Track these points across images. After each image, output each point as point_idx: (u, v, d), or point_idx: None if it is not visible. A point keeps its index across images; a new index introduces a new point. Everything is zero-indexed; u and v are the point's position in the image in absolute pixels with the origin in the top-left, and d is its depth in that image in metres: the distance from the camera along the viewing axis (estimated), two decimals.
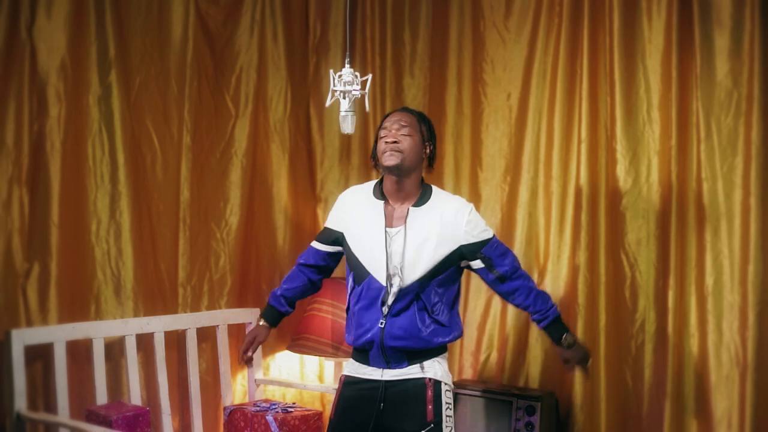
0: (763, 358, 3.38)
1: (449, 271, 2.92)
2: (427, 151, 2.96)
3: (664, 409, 3.56)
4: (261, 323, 3.14)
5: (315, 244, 3.14)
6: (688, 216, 3.55)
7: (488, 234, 2.95)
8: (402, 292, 2.87)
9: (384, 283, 2.88)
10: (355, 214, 3.00)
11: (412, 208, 2.91)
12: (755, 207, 3.40)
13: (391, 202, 2.96)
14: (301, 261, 3.16)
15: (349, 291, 2.99)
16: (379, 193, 2.98)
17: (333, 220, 3.09)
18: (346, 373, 3.00)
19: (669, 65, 3.58)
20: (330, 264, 3.15)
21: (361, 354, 2.95)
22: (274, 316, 3.14)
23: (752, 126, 3.41)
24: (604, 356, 3.66)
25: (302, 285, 3.15)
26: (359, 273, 2.94)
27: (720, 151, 3.48)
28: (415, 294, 2.87)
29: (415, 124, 2.93)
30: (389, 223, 2.93)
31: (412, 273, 2.86)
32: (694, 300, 3.54)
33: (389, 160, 2.87)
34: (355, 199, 3.04)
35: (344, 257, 3.06)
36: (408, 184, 2.93)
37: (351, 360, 3.01)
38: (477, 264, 2.94)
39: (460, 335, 2.99)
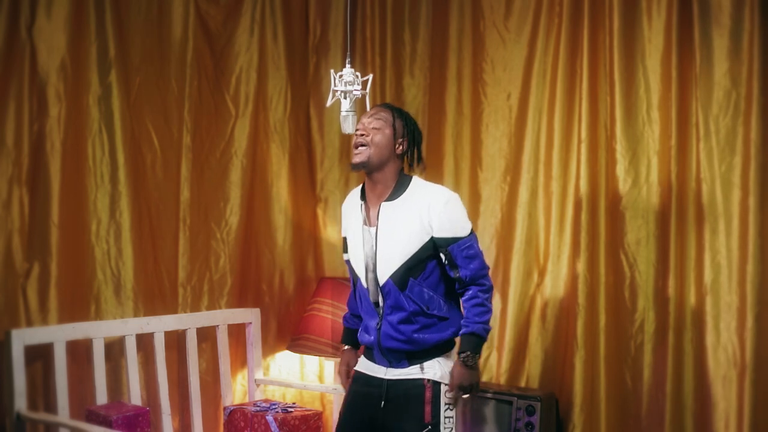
0: (761, 358, 3.38)
1: (431, 264, 2.86)
2: (401, 147, 2.91)
3: (663, 409, 3.57)
4: (346, 348, 3.14)
5: (344, 256, 3.10)
6: (688, 216, 3.55)
7: (462, 231, 2.85)
8: (385, 292, 2.86)
9: (366, 285, 2.91)
10: (348, 217, 3.03)
11: (383, 204, 2.88)
12: (754, 207, 3.40)
13: (368, 199, 2.94)
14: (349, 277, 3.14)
15: (351, 285, 3.04)
16: (362, 192, 2.98)
17: (342, 228, 3.10)
18: (356, 368, 3.04)
19: (669, 65, 3.58)
20: None
21: (368, 351, 2.99)
22: (352, 337, 3.12)
23: (751, 126, 3.41)
24: (603, 356, 3.66)
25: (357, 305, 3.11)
26: (353, 275, 3.00)
27: (719, 151, 3.48)
28: (400, 293, 2.84)
29: (389, 119, 2.91)
30: (369, 221, 2.92)
31: (385, 270, 2.85)
32: (693, 300, 3.54)
33: (355, 158, 2.88)
34: (349, 202, 3.06)
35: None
36: (381, 179, 2.90)
37: (362, 356, 3.04)
38: (442, 257, 2.87)
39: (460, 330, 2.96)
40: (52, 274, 3.42)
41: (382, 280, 2.86)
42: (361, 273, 2.93)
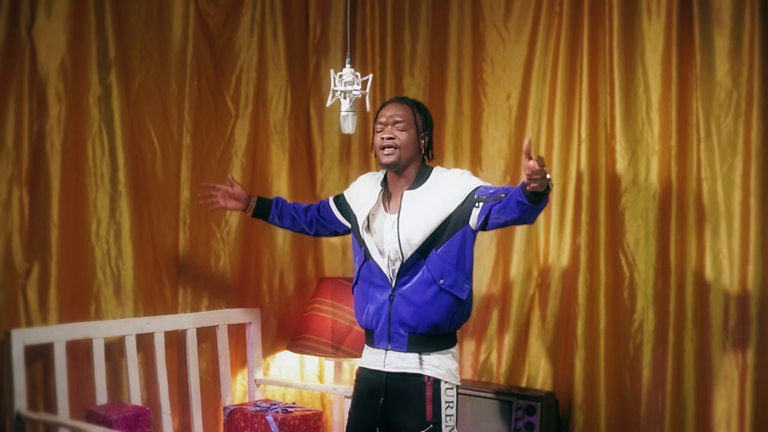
0: (763, 358, 3.37)
1: (454, 238, 2.90)
2: (424, 141, 3.02)
3: (663, 409, 3.56)
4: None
5: (330, 202, 3.29)
6: (688, 216, 3.55)
7: (479, 182, 2.96)
8: (405, 267, 2.91)
9: (386, 266, 2.95)
10: (365, 196, 3.09)
11: (406, 192, 2.98)
12: (755, 207, 3.40)
13: (391, 188, 3.04)
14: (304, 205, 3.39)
15: (357, 267, 3.05)
16: (384, 180, 3.08)
17: (351, 194, 3.19)
18: (359, 363, 3.08)
19: (669, 65, 3.58)
20: (323, 222, 3.32)
21: (368, 334, 3.02)
22: (263, 202, 3.42)
23: (752, 126, 3.41)
24: (603, 356, 3.66)
25: (297, 208, 3.39)
26: (367, 252, 3.01)
27: (720, 151, 3.48)
28: (420, 265, 2.89)
29: (410, 117, 2.99)
30: (389, 209, 3.00)
31: (410, 247, 2.91)
32: (694, 300, 3.54)
33: (387, 158, 2.97)
34: (369, 181, 3.14)
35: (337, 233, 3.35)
36: (407, 173, 3.01)
37: (365, 346, 3.08)
38: (479, 209, 2.88)
39: (467, 317, 3.01)
40: (52, 274, 3.42)
41: (406, 256, 2.91)
42: (374, 251, 2.98)
